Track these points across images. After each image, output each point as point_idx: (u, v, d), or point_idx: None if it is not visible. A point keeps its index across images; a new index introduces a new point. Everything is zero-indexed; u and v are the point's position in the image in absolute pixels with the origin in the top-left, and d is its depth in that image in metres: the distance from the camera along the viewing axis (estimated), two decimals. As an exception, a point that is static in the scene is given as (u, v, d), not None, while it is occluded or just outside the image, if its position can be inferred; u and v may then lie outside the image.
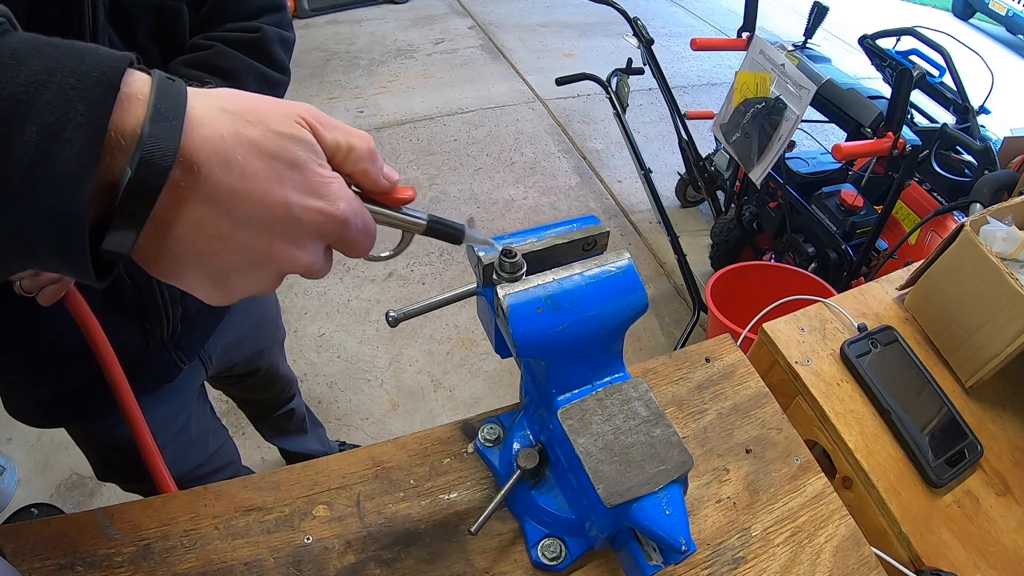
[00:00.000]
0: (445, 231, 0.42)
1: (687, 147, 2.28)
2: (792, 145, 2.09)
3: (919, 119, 1.87)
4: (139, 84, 0.26)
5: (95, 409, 0.77)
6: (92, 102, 0.24)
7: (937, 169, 1.60)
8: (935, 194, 1.75)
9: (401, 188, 0.38)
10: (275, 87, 0.70)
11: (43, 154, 0.23)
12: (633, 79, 2.21)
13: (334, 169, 0.33)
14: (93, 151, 0.24)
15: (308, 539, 0.52)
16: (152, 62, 0.61)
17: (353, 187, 0.36)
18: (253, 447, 1.68)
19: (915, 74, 1.52)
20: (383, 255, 0.42)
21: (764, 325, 0.80)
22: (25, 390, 0.74)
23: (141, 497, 0.56)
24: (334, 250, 0.36)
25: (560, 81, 2.13)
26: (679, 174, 2.69)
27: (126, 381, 0.63)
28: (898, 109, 1.53)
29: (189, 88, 0.28)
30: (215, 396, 1.05)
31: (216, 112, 0.28)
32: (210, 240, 0.28)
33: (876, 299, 0.88)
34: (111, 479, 0.91)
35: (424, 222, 0.40)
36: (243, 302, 0.96)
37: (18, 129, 0.23)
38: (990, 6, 5.64)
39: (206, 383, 0.99)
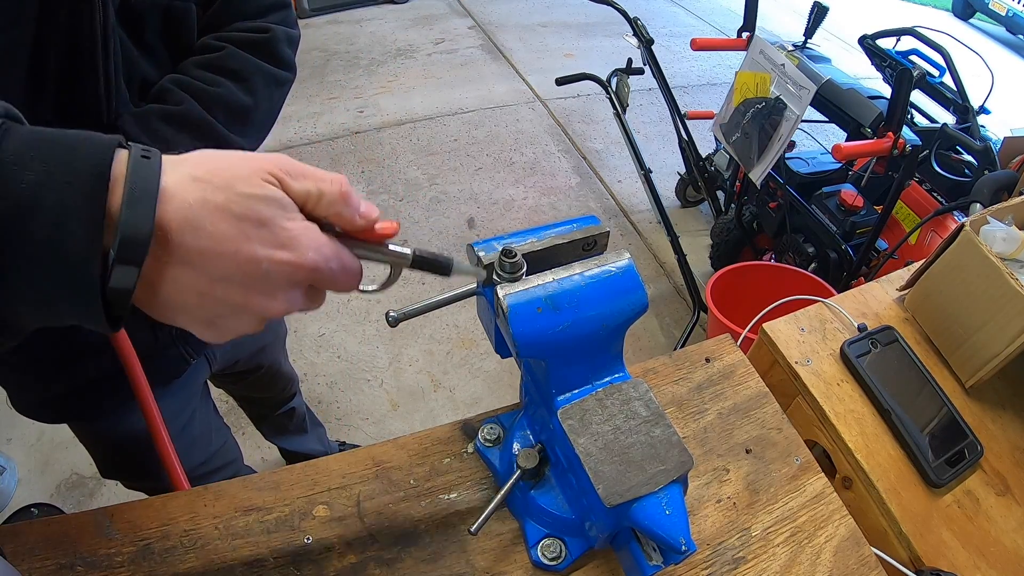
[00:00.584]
0: (431, 264, 0.42)
1: (687, 147, 2.28)
2: (792, 145, 2.09)
3: (919, 119, 1.88)
4: (120, 166, 0.29)
5: (102, 405, 0.77)
6: (87, 194, 0.28)
7: (937, 169, 1.60)
8: (935, 194, 1.75)
9: (383, 224, 0.39)
10: (282, 85, 0.71)
11: (54, 244, 0.28)
12: (633, 79, 2.20)
13: (307, 215, 0.35)
14: (94, 237, 0.28)
15: (308, 539, 0.52)
16: (161, 61, 0.61)
17: (337, 228, 0.37)
18: (253, 447, 1.68)
19: (915, 74, 1.52)
20: (371, 289, 0.42)
21: (764, 325, 0.80)
22: (34, 387, 0.74)
23: (143, 496, 0.56)
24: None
25: (560, 81, 2.13)
26: (679, 174, 2.69)
27: (144, 376, 0.63)
28: (898, 109, 1.53)
29: (164, 158, 0.31)
30: (216, 396, 1.05)
31: (186, 182, 0.31)
32: (192, 295, 0.32)
33: (876, 299, 0.88)
34: (115, 476, 0.91)
35: (408, 256, 0.41)
36: None
37: (29, 226, 0.27)
38: (990, 6, 5.63)
39: (208, 382, 0.99)
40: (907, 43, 1.91)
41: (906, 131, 1.60)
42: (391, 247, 0.40)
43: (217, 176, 0.32)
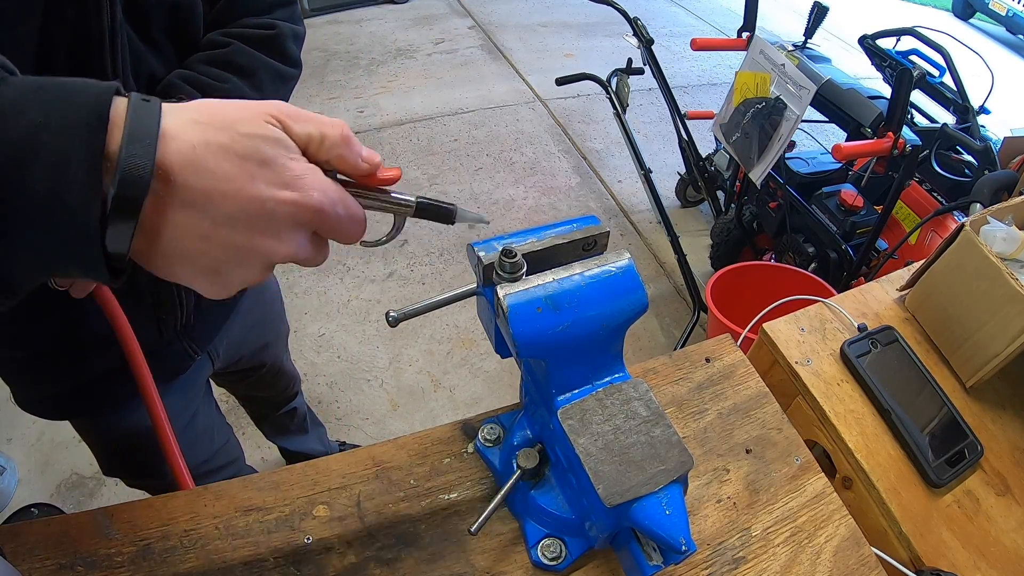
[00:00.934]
0: (435, 210, 0.42)
1: (687, 147, 2.28)
2: (792, 145, 2.09)
3: (919, 119, 1.87)
4: (119, 110, 0.29)
5: (105, 402, 0.77)
6: (86, 139, 0.27)
7: (937, 169, 1.60)
8: (935, 194, 1.75)
9: (385, 169, 0.38)
10: (288, 81, 0.72)
11: (54, 192, 0.27)
12: (633, 79, 2.21)
13: (310, 159, 0.35)
14: (94, 181, 0.28)
15: (308, 539, 0.52)
16: (167, 57, 0.61)
17: (338, 175, 0.37)
18: (253, 447, 1.68)
19: (915, 74, 1.52)
20: (378, 240, 0.42)
21: (764, 325, 0.80)
22: (38, 383, 0.74)
23: (145, 495, 0.56)
24: (330, 239, 0.37)
25: (560, 81, 2.13)
26: (679, 174, 2.69)
27: (148, 371, 0.63)
28: (898, 109, 1.53)
29: (164, 104, 0.30)
30: (218, 395, 1.06)
31: (187, 124, 0.30)
32: (195, 240, 0.31)
33: (876, 299, 0.88)
34: (117, 474, 0.91)
35: (412, 203, 0.41)
36: (248, 297, 0.95)
37: (28, 170, 0.27)
38: (990, 6, 5.64)
39: (211, 381, 0.99)
40: (907, 43, 1.91)
41: (906, 131, 1.60)
42: (395, 195, 0.40)
43: (218, 118, 0.31)
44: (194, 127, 0.31)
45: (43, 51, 0.49)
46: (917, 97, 1.78)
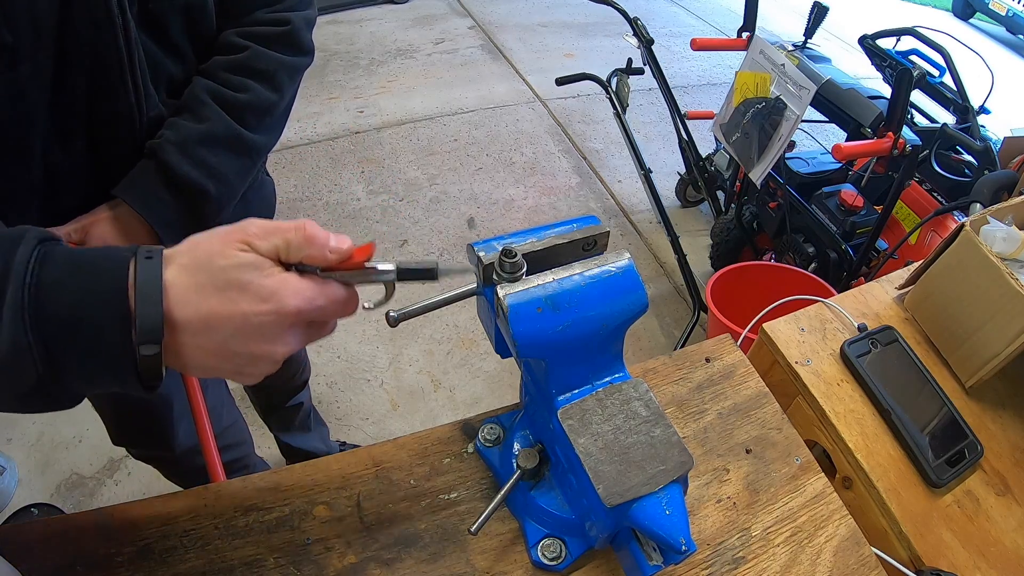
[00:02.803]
0: (417, 273, 0.45)
1: (687, 147, 2.28)
2: (792, 145, 2.09)
3: (919, 119, 1.87)
4: (132, 276, 0.36)
5: None
6: (114, 310, 0.35)
7: (937, 169, 1.60)
8: (935, 194, 1.75)
9: (358, 250, 0.43)
10: (302, 69, 0.76)
11: (97, 351, 0.36)
12: (633, 79, 2.20)
13: (286, 264, 0.40)
14: (125, 339, 0.36)
15: (308, 539, 0.52)
16: (185, 57, 0.64)
17: (317, 268, 0.41)
18: (254, 446, 1.68)
19: (915, 74, 1.52)
20: (370, 306, 0.47)
21: (764, 325, 0.80)
22: None
23: (144, 494, 0.56)
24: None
25: (560, 81, 2.13)
26: (679, 174, 2.69)
27: None
28: (898, 109, 1.52)
29: (164, 253, 0.38)
30: (231, 388, 1.06)
31: (178, 272, 0.37)
32: (210, 356, 0.39)
33: (876, 299, 0.88)
34: (125, 442, 0.94)
35: (393, 272, 0.44)
36: None
37: (74, 339, 0.35)
38: (990, 6, 5.63)
39: None
40: (907, 43, 1.91)
41: (906, 131, 1.60)
42: (377, 267, 0.43)
43: (199, 260, 0.38)
44: (184, 274, 0.37)
45: (59, 76, 0.51)
46: (917, 97, 1.78)
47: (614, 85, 2.17)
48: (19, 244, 0.35)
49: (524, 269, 0.47)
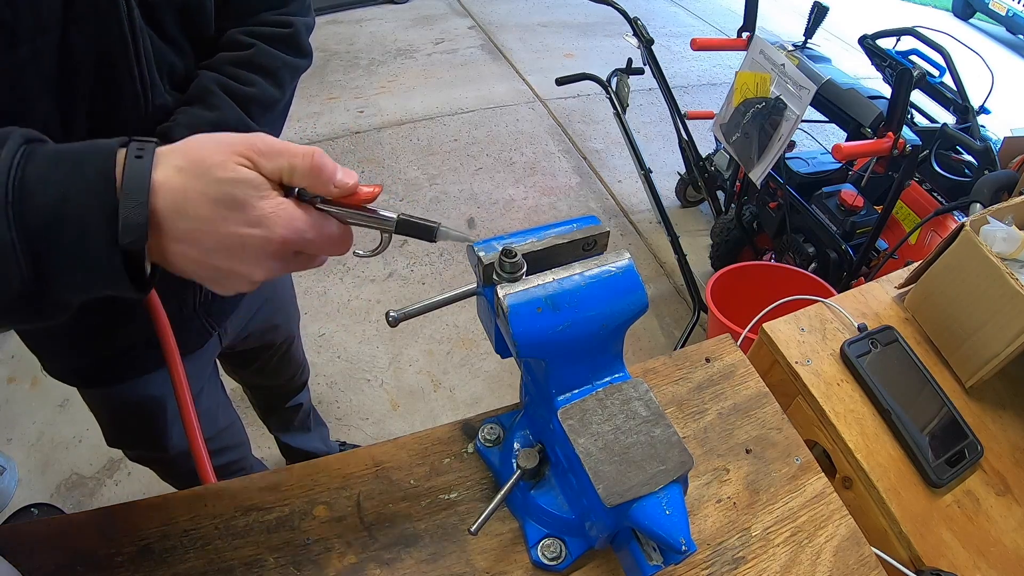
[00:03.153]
0: (416, 228, 0.44)
1: (687, 147, 2.28)
2: (792, 145, 2.09)
3: (919, 119, 1.87)
4: (120, 168, 0.35)
5: (128, 372, 0.81)
6: (99, 204, 0.34)
7: (937, 169, 1.60)
8: (935, 194, 1.75)
9: (363, 188, 0.42)
10: (302, 70, 0.78)
11: (82, 247, 0.35)
12: (633, 79, 2.20)
13: (285, 187, 0.40)
14: (110, 235, 0.35)
15: (308, 539, 0.52)
16: (185, 53, 0.65)
17: (318, 197, 0.40)
18: (253, 446, 1.67)
19: (915, 74, 1.52)
20: (363, 253, 0.46)
21: (764, 325, 0.80)
22: (68, 354, 0.78)
23: (144, 492, 0.56)
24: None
25: (560, 81, 2.13)
26: (679, 174, 2.69)
27: (174, 342, 0.68)
28: (898, 109, 1.52)
29: (158, 151, 0.37)
30: (229, 389, 1.06)
31: (172, 173, 0.36)
32: (191, 263, 0.39)
33: (876, 299, 0.88)
34: (121, 444, 0.94)
35: (393, 220, 0.43)
36: None
37: (58, 236, 0.34)
38: (990, 6, 5.63)
39: (219, 367, 1.02)
40: (907, 43, 1.91)
41: (906, 131, 1.60)
42: (379, 212, 0.42)
43: (197, 165, 0.37)
44: (178, 175, 0.36)
45: (65, 62, 0.51)
46: (917, 97, 1.78)
47: (614, 85, 2.17)
48: (5, 142, 0.35)
49: (524, 269, 0.47)
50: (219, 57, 0.67)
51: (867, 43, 1.93)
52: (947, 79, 1.81)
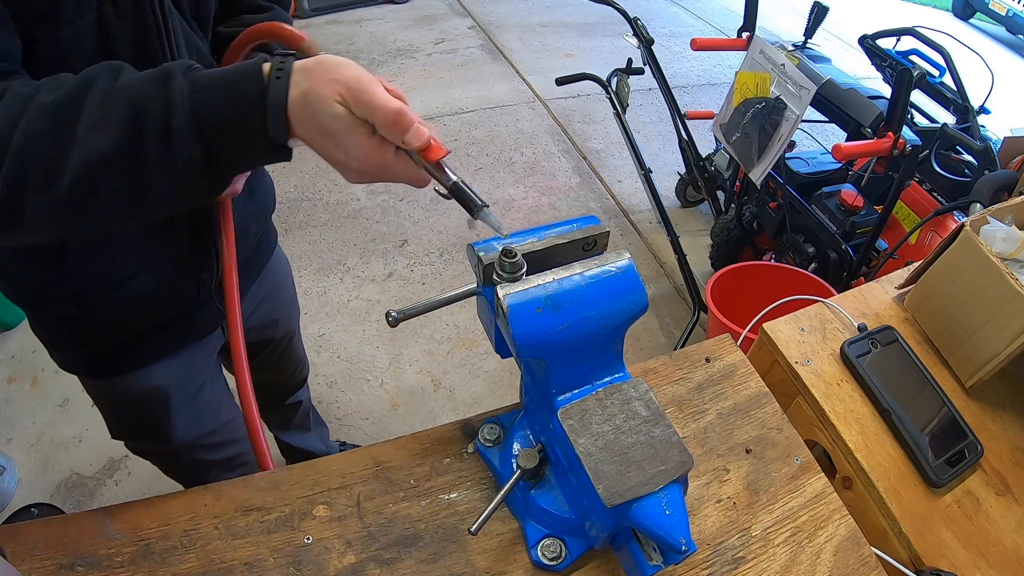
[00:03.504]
0: (464, 198, 0.49)
1: (687, 147, 2.28)
2: (792, 145, 2.09)
3: (919, 119, 1.87)
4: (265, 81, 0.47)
5: (139, 361, 0.83)
6: (256, 113, 0.47)
7: (937, 169, 1.60)
8: (935, 194, 1.75)
9: (435, 147, 0.49)
10: None
11: (245, 142, 0.48)
12: (633, 79, 2.20)
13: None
14: (260, 134, 0.48)
15: (308, 539, 0.52)
16: (203, 38, 0.70)
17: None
18: (253, 447, 1.68)
19: (915, 74, 1.52)
20: (440, 191, 0.51)
21: (764, 325, 0.80)
22: (79, 344, 0.80)
23: (145, 492, 0.56)
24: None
25: (560, 81, 2.13)
26: (679, 174, 2.69)
27: (237, 289, 0.75)
28: (898, 109, 1.52)
29: (293, 67, 0.47)
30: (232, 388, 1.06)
31: (297, 95, 0.46)
32: (309, 142, 0.49)
33: (876, 299, 0.88)
34: (122, 435, 0.96)
35: (450, 180, 0.49)
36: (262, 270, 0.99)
37: (230, 139, 0.48)
38: (990, 6, 5.63)
39: (222, 364, 1.03)
40: (907, 43, 1.91)
41: (906, 131, 1.60)
42: (445, 170, 0.49)
43: (310, 93, 0.46)
44: (301, 100, 0.46)
45: (103, 42, 0.56)
46: (917, 97, 1.78)
47: (614, 85, 2.17)
48: (171, 79, 0.45)
49: (524, 269, 0.47)
50: (243, 18, 0.74)
51: (867, 43, 1.93)
52: (947, 79, 1.81)
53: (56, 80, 0.47)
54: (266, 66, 0.47)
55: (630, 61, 2.17)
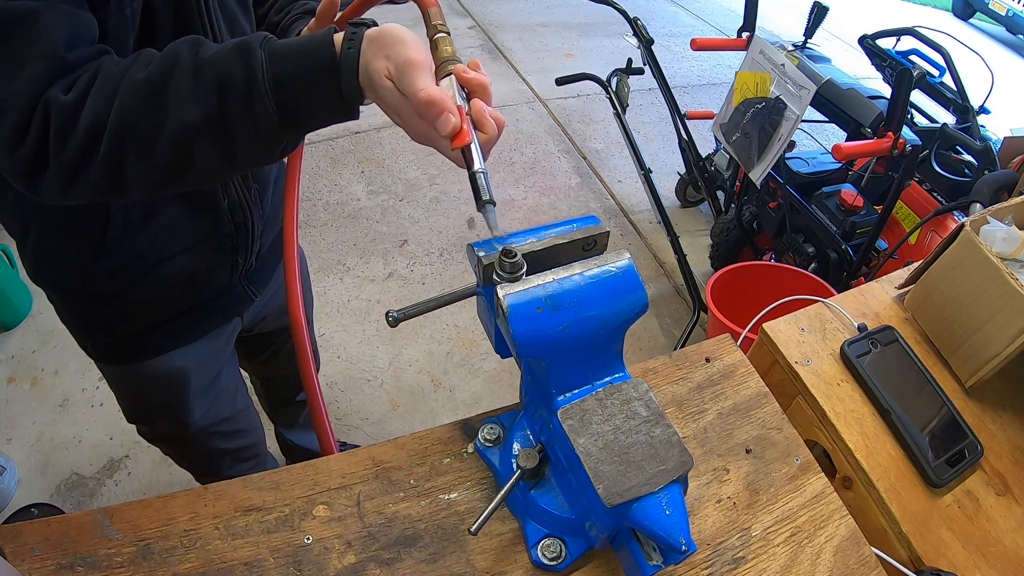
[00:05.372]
0: (476, 188, 0.49)
1: (687, 147, 2.28)
2: (792, 145, 2.09)
3: (919, 119, 1.87)
4: (337, 51, 0.51)
5: (161, 347, 0.85)
6: (332, 80, 0.51)
7: (937, 169, 1.60)
8: (935, 194, 1.75)
9: (463, 133, 0.50)
10: None
11: (325, 101, 0.53)
12: (633, 79, 2.21)
13: None
14: (339, 95, 0.52)
15: (308, 539, 0.52)
16: (251, 19, 0.75)
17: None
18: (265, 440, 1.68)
19: (915, 74, 1.52)
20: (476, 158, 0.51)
21: (764, 325, 0.80)
22: (105, 328, 0.81)
23: (145, 493, 0.56)
24: None
25: (560, 81, 2.13)
26: (679, 174, 2.69)
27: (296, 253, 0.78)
28: (898, 109, 1.52)
29: (365, 35, 0.51)
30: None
31: (363, 64, 0.51)
32: (377, 100, 0.53)
33: (876, 299, 0.88)
34: (138, 419, 0.98)
35: (471, 170, 0.49)
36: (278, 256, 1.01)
37: (309, 105, 0.53)
38: (990, 6, 5.64)
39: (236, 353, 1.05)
40: (907, 43, 1.91)
41: (906, 131, 1.60)
42: (471, 153, 0.49)
43: (369, 63, 0.50)
44: (365, 70, 0.51)
45: (147, 22, 0.59)
46: (917, 97, 1.78)
47: (614, 85, 2.17)
48: (251, 52, 0.50)
49: (524, 269, 0.47)
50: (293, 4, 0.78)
51: (867, 43, 1.93)
52: (947, 79, 1.81)
53: (143, 57, 0.51)
54: (338, 37, 0.51)
55: (630, 61, 2.17)
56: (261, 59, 0.50)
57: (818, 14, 1.99)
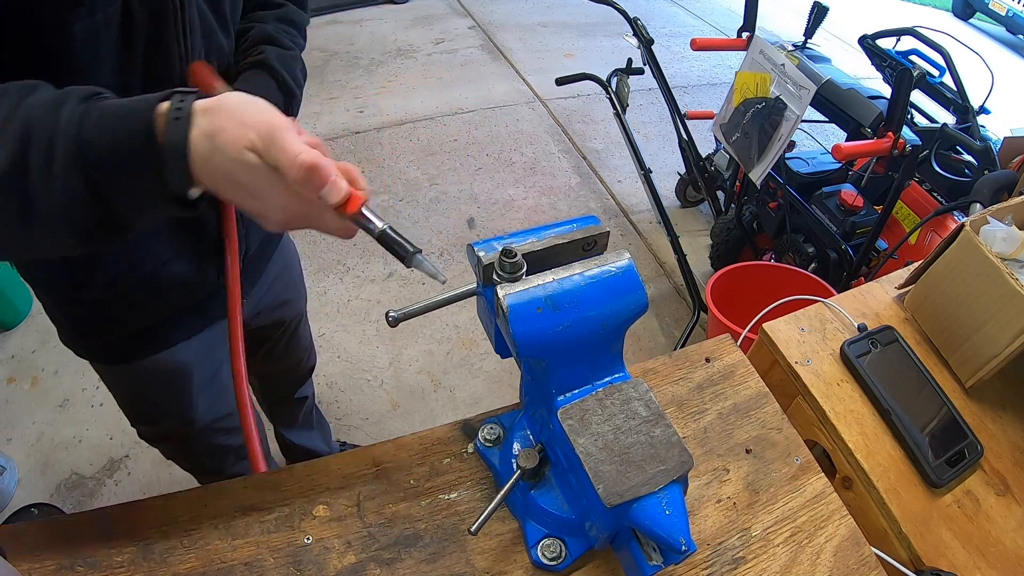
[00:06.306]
0: (394, 246, 0.45)
1: (687, 147, 2.28)
2: (792, 145, 2.09)
3: (919, 119, 1.87)
4: (164, 120, 0.43)
5: (159, 345, 0.84)
6: (145, 158, 0.43)
7: (937, 169, 1.60)
8: (935, 194, 1.75)
9: (354, 197, 0.45)
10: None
11: (134, 187, 0.44)
12: (633, 79, 2.20)
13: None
14: (158, 181, 0.43)
15: (308, 539, 0.52)
16: (229, 32, 0.73)
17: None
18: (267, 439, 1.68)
19: (915, 74, 1.52)
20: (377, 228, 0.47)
21: (764, 325, 0.80)
22: (102, 331, 0.80)
23: (145, 492, 0.56)
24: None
25: (560, 81, 2.13)
26: (679, 174, 2.69)
27: (239, 288, 0.75)
28: (898, 109, 1.52)
29: (195, 106, 0.43)
30: None
31: (201, 138, 0.43)
32: (217, 190, 0.45)
33: (876, 299, 0.88)
34: (142, 420, 0.97)
35: (376, 230, 0.45)
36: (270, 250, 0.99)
37: (113, 179, 0.43)
38: (990, 6, 5.63)
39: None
40: (907, 43, 1.91)
41: (906, 131, 1.60)
42: (369, 220, 0.45)
43: (218, 136, 0.43)
44: (205, 142, 0.43)
45: (125, 30, 0.57)
46: (917, 97, 1.77)
47: (614, 85, 2.17)
48: (64, 104, 0.43)
49: (524, 269, 0.47)
50: (263, 14, 0.77)
51: (867, 43, 1.93)
52: (947, 79, 1.80)
53: None
54: (164, 105, 0.43)
55: (630, 61, 2.17)
56: (73, 113, 0.42)
57: (818, 14, 1.99)
